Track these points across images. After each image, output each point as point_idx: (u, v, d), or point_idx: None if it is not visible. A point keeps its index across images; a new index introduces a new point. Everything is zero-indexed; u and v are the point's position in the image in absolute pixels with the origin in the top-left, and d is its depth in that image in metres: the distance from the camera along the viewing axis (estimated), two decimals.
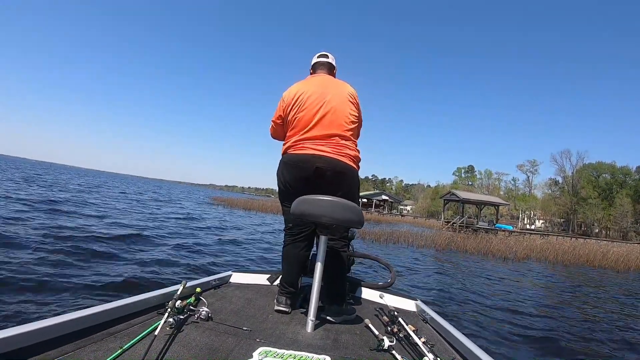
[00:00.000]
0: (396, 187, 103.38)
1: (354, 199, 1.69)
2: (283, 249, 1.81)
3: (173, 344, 1.14)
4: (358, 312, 1.76)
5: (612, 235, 49.75)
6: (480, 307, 4.57)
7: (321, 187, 1.61)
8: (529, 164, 66.17)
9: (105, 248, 4.91)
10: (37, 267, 3.57)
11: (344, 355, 1.24)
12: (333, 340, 1.39)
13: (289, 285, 1.71)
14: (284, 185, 1.75)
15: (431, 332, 1.60)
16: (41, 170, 44.79)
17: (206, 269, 4.74)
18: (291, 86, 1.82)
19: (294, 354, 1.16)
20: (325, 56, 1.94)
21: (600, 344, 3.70)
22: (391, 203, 54.00)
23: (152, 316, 1.36)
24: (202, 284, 1.79)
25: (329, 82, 1.81)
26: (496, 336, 3.48)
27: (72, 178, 33.03)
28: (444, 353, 1.35)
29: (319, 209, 1.44)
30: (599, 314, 5.19)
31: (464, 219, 28.85)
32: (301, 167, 1.66)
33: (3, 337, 0.92)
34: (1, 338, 0.92)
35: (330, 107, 1.70)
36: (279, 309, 1.66)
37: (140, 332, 1.17)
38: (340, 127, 1.69)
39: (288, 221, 1.79)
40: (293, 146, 1.71)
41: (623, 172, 54.83)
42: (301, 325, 1.49)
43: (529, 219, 62.98)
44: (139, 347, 1.07)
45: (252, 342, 1.25)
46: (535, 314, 4.68)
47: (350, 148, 1.72)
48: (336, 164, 1.64)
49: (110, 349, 1.04)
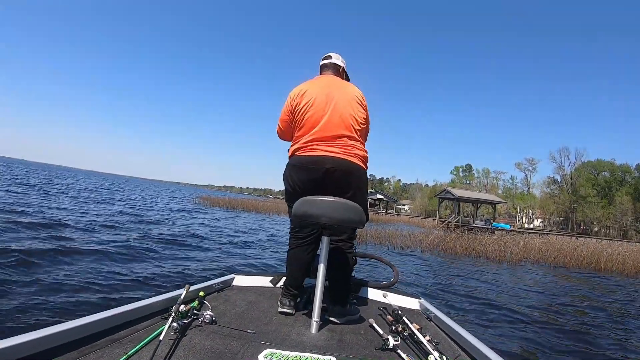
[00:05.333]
0: (394, 186, 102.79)
1: (363, 199, 1.68)
2: (288, 252, 1.81)
3: (178, 349, 1.15)
4: (362, 311, 1.75)
5: (611, 234, 49.15)
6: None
7: (330, 188, 1.61)
8: (527, 162, 65.38)
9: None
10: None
11: (349, 355, 1.25)
12: (338, 340, 1.39)
13: (293, 288, 1.72)
14: (292, 188, 1.72)
15: (435, 330, 1.60)
16: (44, 171, 43.69)
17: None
18: (298, 86, 1.80)
19: (299, 355, 1.18)
20: (329, 57, 1.94)
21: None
22: (387, 202, 53.22)
23: (157, 321, 1.36)
24: (205, 287, 1.78)
25: (335, 83, 1.79)
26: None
27: (65, 179, 31.63)
28: (449, 350, 1.35)
29: (319, 209, 1.45)
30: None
31: (459, 218, 27.76)
32: (312, 170, 1.64)
33: (6, 347, 0.91)
34: (4, 347, 0.91)
35: (338, 107, 1.68)
36: (282, 311, 1.66)
37: (144, 338, 1.17)
38: (349, 127, 1.69)
39: (294, 224, 1.80)
40: (302, 148, 1.69)
41: (622, 170, 54.16)
42: (305, 327, 1.50)
43: (528, 218, 62.17)
44: (144, 353, 1.08)
45: (257, 344, 1.25)
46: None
47: (359, 148, 1.71)
48: (345, 165, 1.63)
49: (115, 355, 1.05)
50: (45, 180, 23.80)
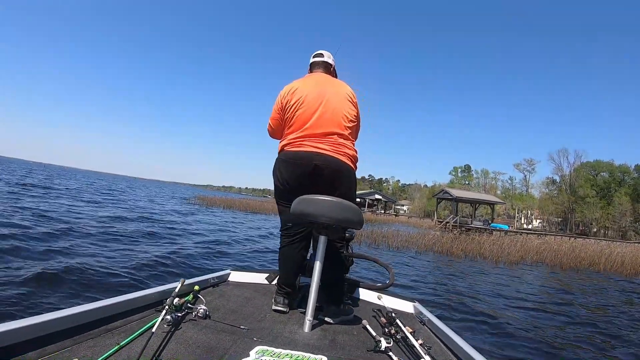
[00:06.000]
0: (393, 187, 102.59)
1: (352, 199, 1.66)
2: (280, 250, 1.80)
3: (170, 342, 1.15)
4: (356, 312, 1.75)
5: (610, 234, 49.03)
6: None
7: (318, 186, 1.60)
8: (526, 162, 65.43)
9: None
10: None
11: (341, 355, 1.25)
12: (330, 340, 1.39)
13: (287, 286, 1.72)
14: (280, 183, 1.72)
15: (428, 334, 1.60)
16: (45, 172, 43.61)
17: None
18: (289, 84, 1.80)
19: (290, 353, 1.18)
20: (320, 55, 1.93)
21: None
22: (385, 203, 53.04)
23: (150, 313, 1.36)
24: (201, 282, 1.79)
25: (327, 81, 1.80)
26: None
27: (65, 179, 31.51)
28: (440, 355, 1.35)
29: (319, 209, 1.44)
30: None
31: (457, 218, 27.60)
32: (299, 165, 1.63)
33: (0, 332, 0.92)
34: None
35: (329, 105, 1.68)
36: (276, 309, 1.66)
37: (137, 329, 1.17)
38: (339, 125, 1.68)
39: (285, 221, 1.79)
40: (291, 143, 1.68)
41: (621, 171, 54.08)
42: (299, 325, 1.50)
43: (526, 219, 62.01)
44: (136, 344, 1.08)
45: (250, 340, 1.26)
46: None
47: (349, 147, 1.70)
48: (334, 163, 1.62)
49: (107, 345, 1.05)
50: (47, 180, 23.71)
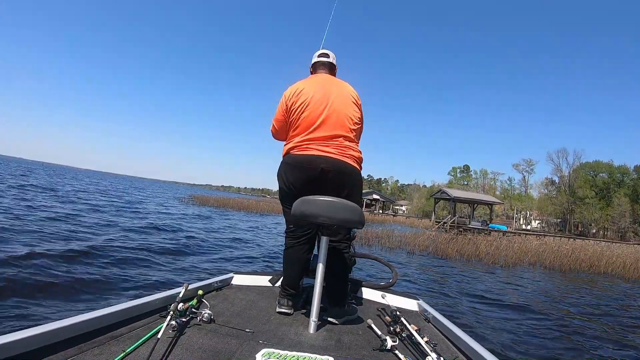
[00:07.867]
0: (392, 187, 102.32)
1: (357, 200, 1.66)
2: (284, 251, 1.80)
3: (176, 347, 1.15)
4: (360, 312, 1.76)
5: (610, 235, 48.71)
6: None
7: (325, 188, 1.59)
8: (525, 163, 64.88)
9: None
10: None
11: (347, 355, 1.25)
12: (336, 340, 1.39)
13: (291, 288, 1.71)
14: (286, 187, 1.71)
15: (433, 332, 1.60)
16: (46, 171, 43.47)
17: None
18: (292, 85, 1.77)
19: (297, 355, 1.17)
20: (326, 55, 1.89)
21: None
22: (383, 203, 52.72)
23: (155, 319, 1.36)
24: (204, 286, 1.78)
25: (332, 82, 1.77)
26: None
27: (64, 179, 31.04)
28: (446, 352, 1.34)
29: (319, 209, 1.44)
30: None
31: (454, 219, 27.28)
32: (306, 168, 1.63)
33: (5, 342, 0.91)
34: (4, 343, 0.91)
35: (334, 107, 1.67)
36: (281, 311, 1.66)
37: (143, 335, 1.17)
38: (344, 128, 1.67)
39: (289, 223, 1.78)
40: (297, 147, 1.67)
41: (621, 171, 53.76)
42: (304, 327, 1.50)
43: (525, 219, 61.75)
44: (142, 350, 1.08)
45: (255, 343, 1.25)
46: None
47: (354, 149, 1.70)
48: (340, 165, 1.62)
49: (113, 352, 1.05)
50: (49, 179, 23.55)
